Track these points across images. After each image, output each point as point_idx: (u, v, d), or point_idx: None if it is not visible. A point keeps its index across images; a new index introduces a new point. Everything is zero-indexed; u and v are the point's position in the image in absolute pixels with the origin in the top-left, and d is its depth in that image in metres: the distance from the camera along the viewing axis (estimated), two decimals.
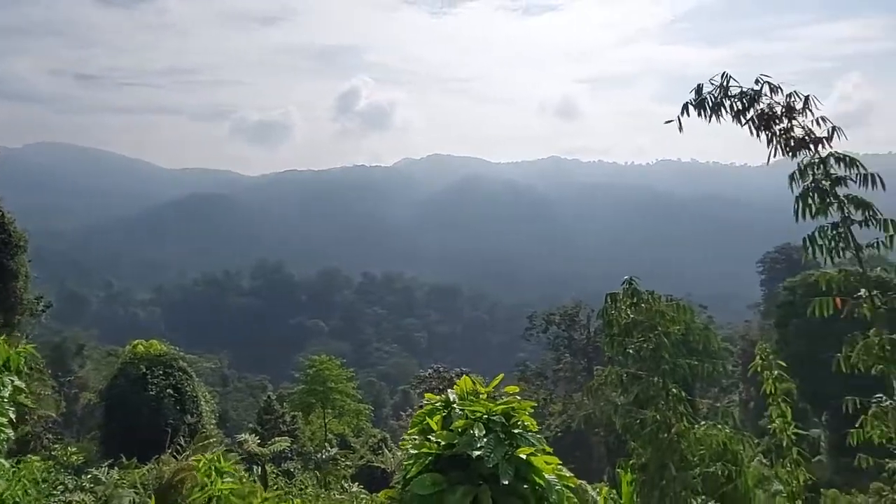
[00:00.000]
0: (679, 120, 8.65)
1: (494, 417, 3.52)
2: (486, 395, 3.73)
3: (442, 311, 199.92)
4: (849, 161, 8.58)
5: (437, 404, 3.81)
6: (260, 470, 21.78)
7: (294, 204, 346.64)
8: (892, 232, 8.27)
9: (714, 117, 8.79)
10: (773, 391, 10.30)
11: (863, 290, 8.69)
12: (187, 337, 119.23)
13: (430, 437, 3.61)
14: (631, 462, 10.82)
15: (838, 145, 9.04)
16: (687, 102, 8.81)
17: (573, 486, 3.38)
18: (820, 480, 33.60)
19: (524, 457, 3.40)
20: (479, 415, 3.56)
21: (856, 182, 8.61)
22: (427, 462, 3.52)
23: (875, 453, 9.73)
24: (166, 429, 20.41)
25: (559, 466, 3.48)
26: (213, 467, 6.81)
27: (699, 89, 8.75)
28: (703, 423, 13.67)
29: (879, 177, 8.54)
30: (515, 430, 3.55)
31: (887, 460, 8.64)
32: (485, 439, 3.37)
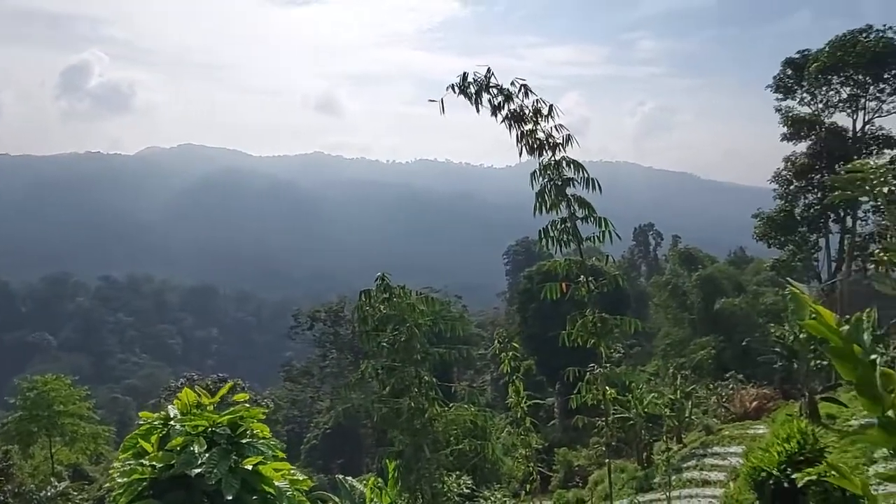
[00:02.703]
0: (441, 102, 9.16)
1: (219, 430, 3.28)
2: (212, 407, 3.45)
3: (199, 314, 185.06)
4: (576, 165, 9.98)
5: (155, 422, 3.42)
6: None
7: (7, 195, 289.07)
8: (605, 228, 9.85)
9: (475, 105, 9.47)
10: (509, 370, 11.47)
11: (582, 277, 10.20)
12: None
13: (144, 460, 3.22)
14: (391, 450, 11.24)
15: (568, 152, 10.47)
16: (452, 84, 9.35)
17: (307, 488, 3.31)
18: (554, 441, 38.82)
19: (251, 467, 3.22)
20: (201, 429, 3.28)
21: (580, 184, 10.03)
22: (140, 489, 3.13)
23: (592, 413, 11.48)
24: None
25: (291, 471, 3.37)
26: None
27: (465, 76, 9.37)
28: (454, 404, 14.77)
29: (597, 181, 10.08)
30: (243, 441, 3.35)
31: (597, 419, 10.20)
32: (206, 454, 3.12)
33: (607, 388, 9.72)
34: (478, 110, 9.30)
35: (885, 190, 5.61)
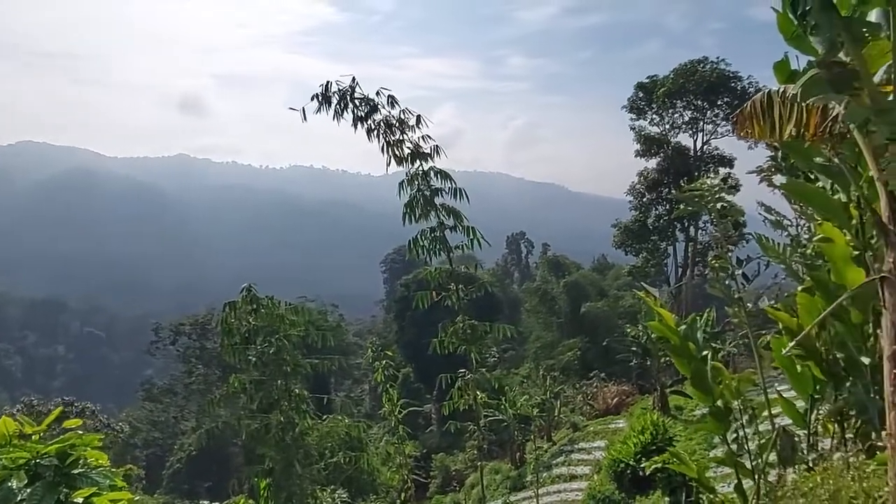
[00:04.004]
0: (303, 111, 8.93)
1: (44, 461, 2.95)
2: (38, 436, 3.10)
3: (44, 331, 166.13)
4: (444, 175, 10.18)
5: None
6: None
7: None
8: (473, 236, 10.13)
9: (337, 117, 9.32)
10: (382, 379, 11.45)
11: (452, 285, 10.43)
12: None
13: None
14: (260, 468, 10.76)
15: (438, 162, 10.66)
16: (315, 94, 9.14)
17: None
18: (432, 447, 39.17)
19: (82, 500, 2.94)
20: (22, 461, 2.94)
21: (449, 194, 10.25)
22: None
23: (468, 418, 11.71)
24: None
25: (135, 500, 3.11)
26: None
27: (327, 86, 9.18)
28: (329, 416, 14.45)
29: (465, 191, 10.35)
30: (74, 471, 3.04)
31: (469, 423, 10.42)
32: (28, 490, 2.80)
33: (478, 392, 9.98)
34: (337, 121, 9.16)
35: (718, 206, 6.33)
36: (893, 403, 3.24)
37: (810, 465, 5.20)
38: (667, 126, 39.77)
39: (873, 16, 3.48)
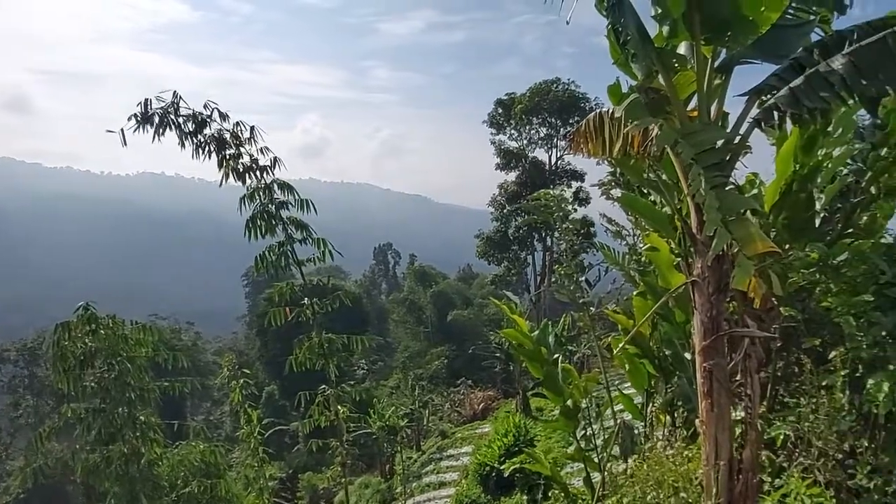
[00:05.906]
0: (122, 132, 8.21)
1: None
2: None
3: None
4: (287, 188, 9.79)
5: None
6: None
7: None
8: (323, 248, 9.88)
9: (161, 134, 8.66)
10: (239, 400, 10.90)
11: (306, 299, 10.14)
12: None
13: None
14: None
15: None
16: (134, 114, 8.46)
17: None
18: (299, 466, 37.84)
19: None
20: None
21: (296, 206, 9.87)
22: None
23: (334, 434, 11.42)
24: None
25: None
26: None
27: (146, 103, 8.50)
28: (182, 443, 13.43)
29: (312, 202, 9.99)
30: None
31: (332, 439, 10.22)
32: None
33: (339, 407, 9.81)
34: (158, 139, 8.53)
35: (561, 216, 6.81)
36: (704, 393, 3.68)
37: (645, 454, 5.72)
38: (524, 141, 42.05)
39: (682, 48, 3.96)
